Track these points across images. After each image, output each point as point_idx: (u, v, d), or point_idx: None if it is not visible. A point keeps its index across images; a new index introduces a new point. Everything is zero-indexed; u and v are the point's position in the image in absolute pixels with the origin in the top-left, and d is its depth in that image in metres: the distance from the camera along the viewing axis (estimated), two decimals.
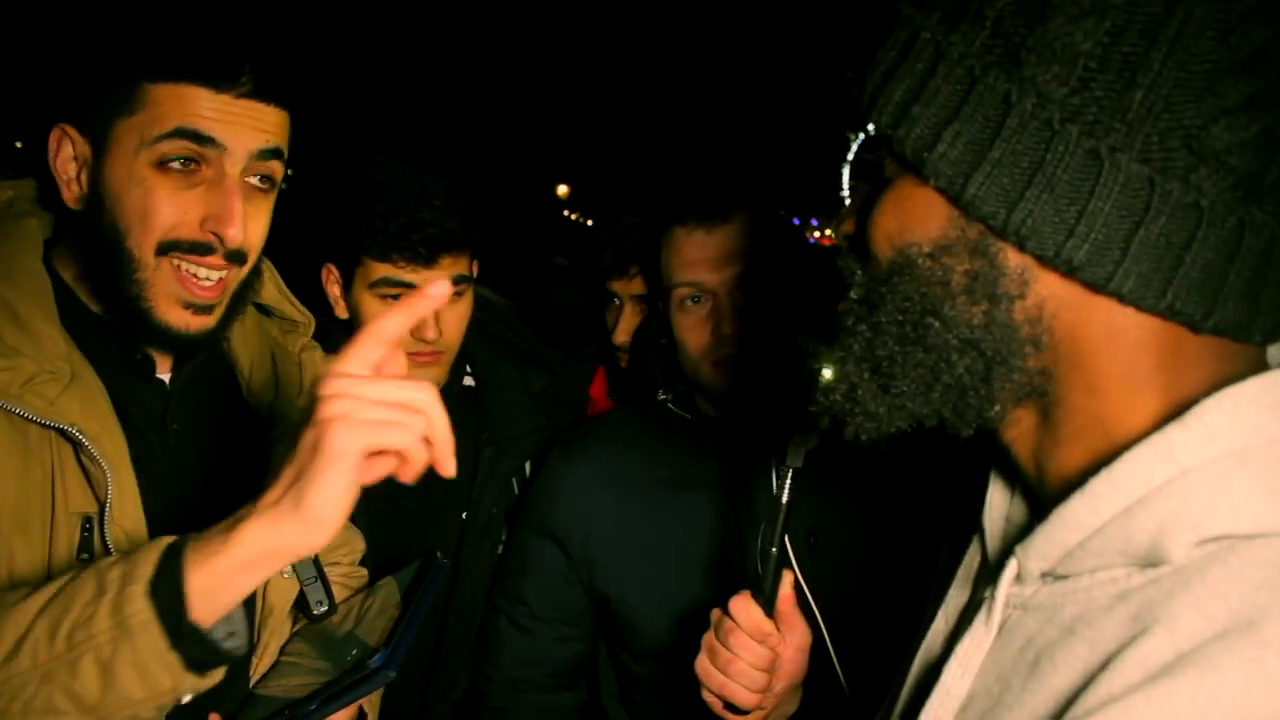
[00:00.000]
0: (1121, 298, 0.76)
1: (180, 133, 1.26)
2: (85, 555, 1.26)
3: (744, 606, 1.33)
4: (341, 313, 2.00)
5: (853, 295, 0.89)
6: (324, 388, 0.97)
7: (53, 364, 1.26)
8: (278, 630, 1.54)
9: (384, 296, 1.90)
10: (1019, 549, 0.84)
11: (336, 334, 2.05)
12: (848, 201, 0.95)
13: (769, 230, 1.78)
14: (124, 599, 0.98)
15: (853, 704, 1.43)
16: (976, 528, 1.00)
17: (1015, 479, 0.97)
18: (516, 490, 2.09)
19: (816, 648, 1.43)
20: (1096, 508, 0.76)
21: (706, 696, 1.39)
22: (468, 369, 2.14)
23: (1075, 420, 0.82)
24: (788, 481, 1.32)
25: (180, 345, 1.39)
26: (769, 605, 1.34)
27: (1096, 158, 0.73)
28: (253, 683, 1.51)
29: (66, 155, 1.32)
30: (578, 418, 2.37)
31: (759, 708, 1.38)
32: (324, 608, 1.52)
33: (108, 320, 1.37)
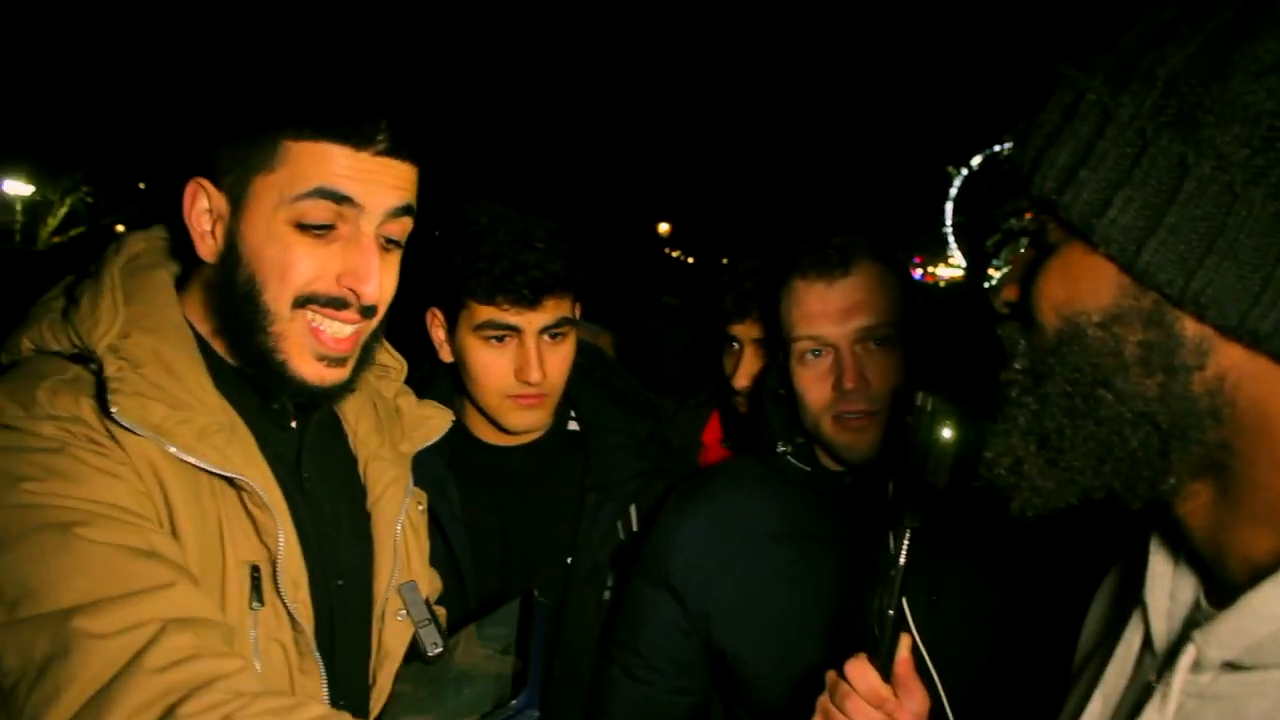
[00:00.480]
0: None
1: (320, 192, 1.29)
2: (257, 604, 1.29)
3: (860, 670, 1.30)
4: (446, 356, 2.03)
5: (1017, 366, 0.86)
6: None
7: (216, 415, 1.30)
8: (393, 674, 1.55)
9: (488, 339, 1.93)
10: (1198, 635, 0.79)
11: (440, 379, 2.10)
12: (1010, 269, 0.92)
13: (891, 280, 1.75)
14: None
15: None
16: (1137, 602, 0.94)
17: (1179, 552, 0.92)
18: (622, 534, 2.07)
19: (935, 715, 1.39)
20: None
21: None
22: (571, 414, 2.15)
23: (1262, 497, 0.77)
24: (905, 542, 1.29)
25: (314, 397, 1.41)
26: (886, 669, 1.30)
27: None
28: None
29: (201, 209, 1.34)
30: (690, 464, 2.36)
31: None
32: (439, 649, 1.54)
33: (243, 371, 1.40)
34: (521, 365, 1.91)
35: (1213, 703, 0.78)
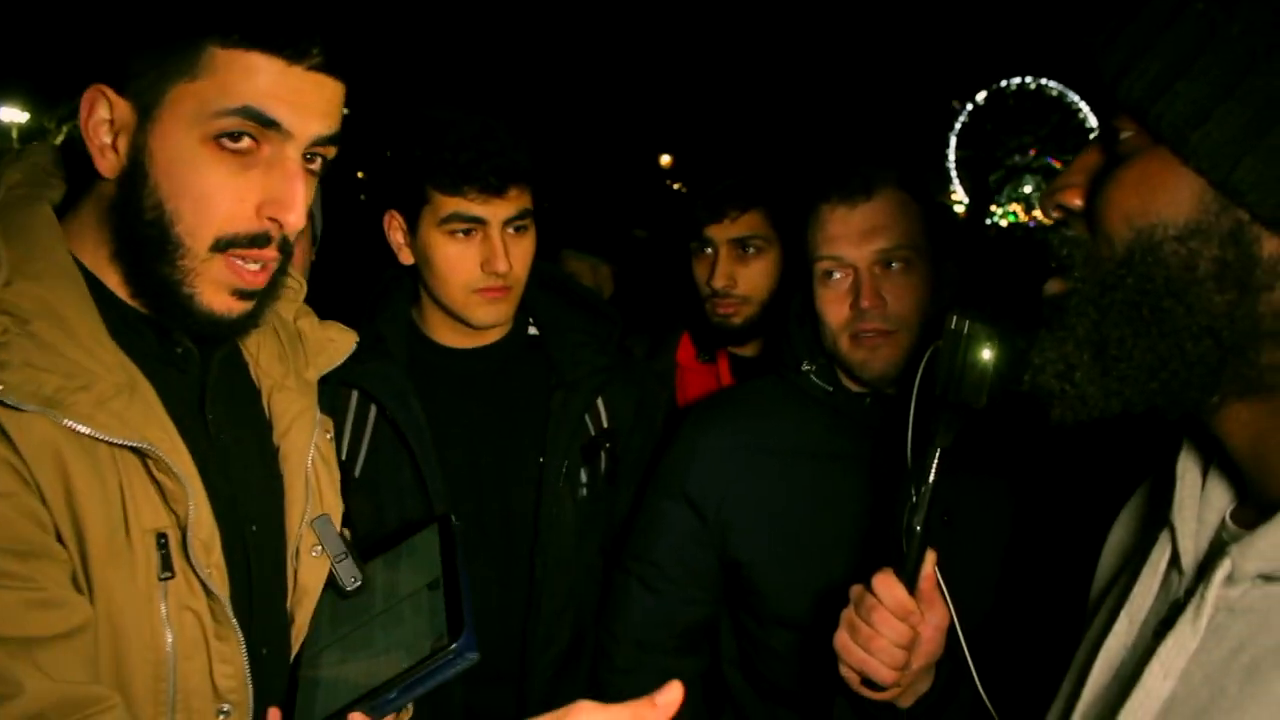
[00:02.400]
0: None
1: (246, 111, 1.16)
2: (167, 574, 1.20)
3: (888, 583, 1.34)
4: (406, 259, 2.01)
5: (1078, 275, 0.85)
6: None
7: (115, 376, 1.18)
8: (310, 611, 1.48)
9: (454, 232, 1.92)
10: (1235, 549, 0.81)
11: (397, 288, 2.08)
12: (1066, 172, 0.90)
13: (914, 208, 1.78)
14: None
15: (980, 687, 1.42)
16: (1162, 523, 0.96)
17: (1206, 473, 0.94)
18: (591, 429, 2.09)
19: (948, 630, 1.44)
20: None
21: (844, 671, 1.40)
22: (530, 320, 2.15)
23: None
24: (935, 461, 1.32)
25: (220, 331, 1.29)
26: (911, 583, 1.35)
27: None
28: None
29: (101, 118, 1.18)
30: (668, 387, 2.46)
31: (895, 684, 1.39)
32: (357, 583, 1.48)
33: (138, 309, 1.27)
34: (489, 257, 1.91)
35: (1243, 615, 0.80)
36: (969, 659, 1.47)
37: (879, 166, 1.81)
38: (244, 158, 1.19)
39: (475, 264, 1.92)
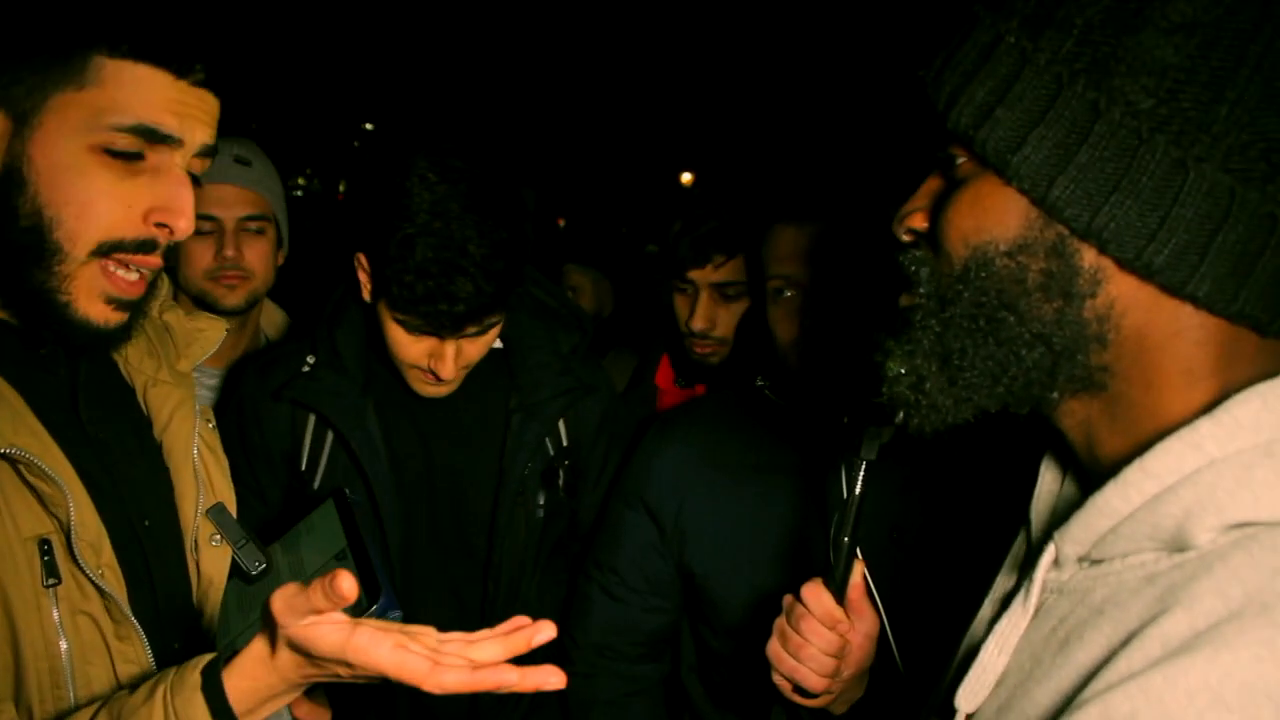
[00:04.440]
0: (1196, 301, 0.79)
1: (140, 129, 1.15)
2: (53, 581, 1.17)
3: (816, 593, 1.37)
4: (366, 297, 1.89)
5: (922, 291, 0.92)
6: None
7: None
8: (218, 601, 1.48)
9: (408, 329, 1.79)
10: (1056, 534, 0.88)
11: (352, 309, 1.99)
12: (913, 198, 0.97)
13: (855, 228, 1.81)
14: None
15: (910, 690, 1.46)
16: (1022, 519, 1.03)
17: (1066, 468, 1.01)
18: (551, 450, 2.06)
19: (880, 639, 1.47)
20: (1128, 495, 0.80)
21: (776, 679, 1.44)
22: None
23: (1130, 413, 0.85)
24: (860, 473, 1.35)
25: (94, 341, 1.25)
26: (840, 593, 1.38)
27: (1182, 167, 0.76)
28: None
29: None
30: (649, 408, 2.50)
31: (827, 692, 1.42)
32: (262, 566, 1.47)
33: (1, 317, 1.24)
34: (437, 358, 1.82)
35: (1068, 595, 0.87)
36: (900, 666, 1.50)
37: (821, 184, 1.84)
38: (130, 164, 1.17)
39: (422, 354, 1.83)
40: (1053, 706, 0.80)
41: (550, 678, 1.01)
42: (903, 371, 0.92)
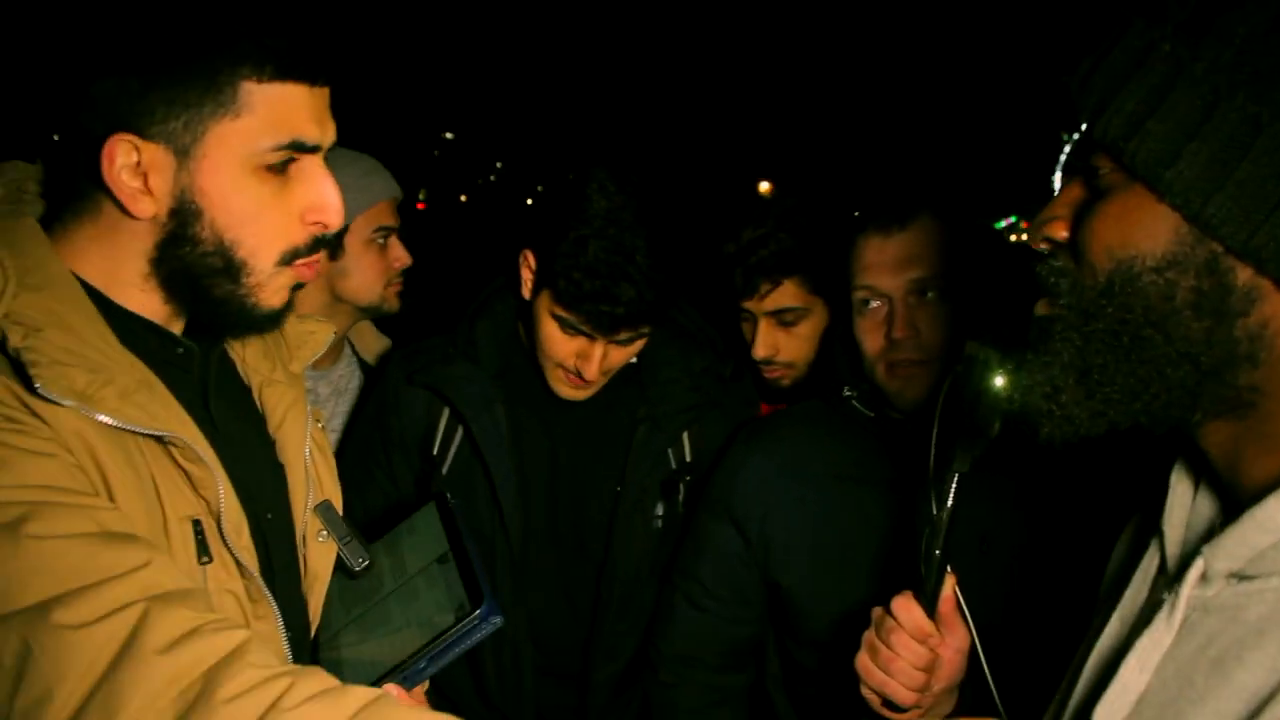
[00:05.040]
0: None
1: (295, 145, 1.24)
2: (206, 559, 1.24)
3: (906, 606, 1.36)
4: (526, 294, 2.02)
5: (1063, 302, 0.89)
6: None
7: (132, 373, 1.21)
8: (323, 595, 1.53)
9: (564, 326, 1.91)
10: (1207, 549, 0.84)
11: (504, 299, 2.12)
12: (1052, 205, 0.94)
13: (948, 235, 1.79)
14: None
15: (1003, 709, 1.43)
16: (1155, 531, 0.99)
17: (1197, 484, 0.97)
18: (673, 463, 2.12)
19: (971, 654, 1.44)
20: None
21: (865, 693, 1.43)
22: None
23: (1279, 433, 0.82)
24: (953, 486, 1.34)
25: (267, 326, 1.36)
26: (930, 607, 1.36)
27: None
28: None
29: (125, 165, 1.19)
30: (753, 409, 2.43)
31: (916, 706, 1.40)
32: (365, 562, 1.52)
33: (140, 317, 1.30)
34: (584, 356, 1.93)
35: (1216, 613, 0.83)
36: (990, 682, 1.48)
37: (914, 192, 1.82)
38: (283, 174, 1.26)
39: (570, 353, 1.94)
40: None
41: None
42: (1039, 381, 0.89)
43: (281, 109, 1.22)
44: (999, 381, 1.28)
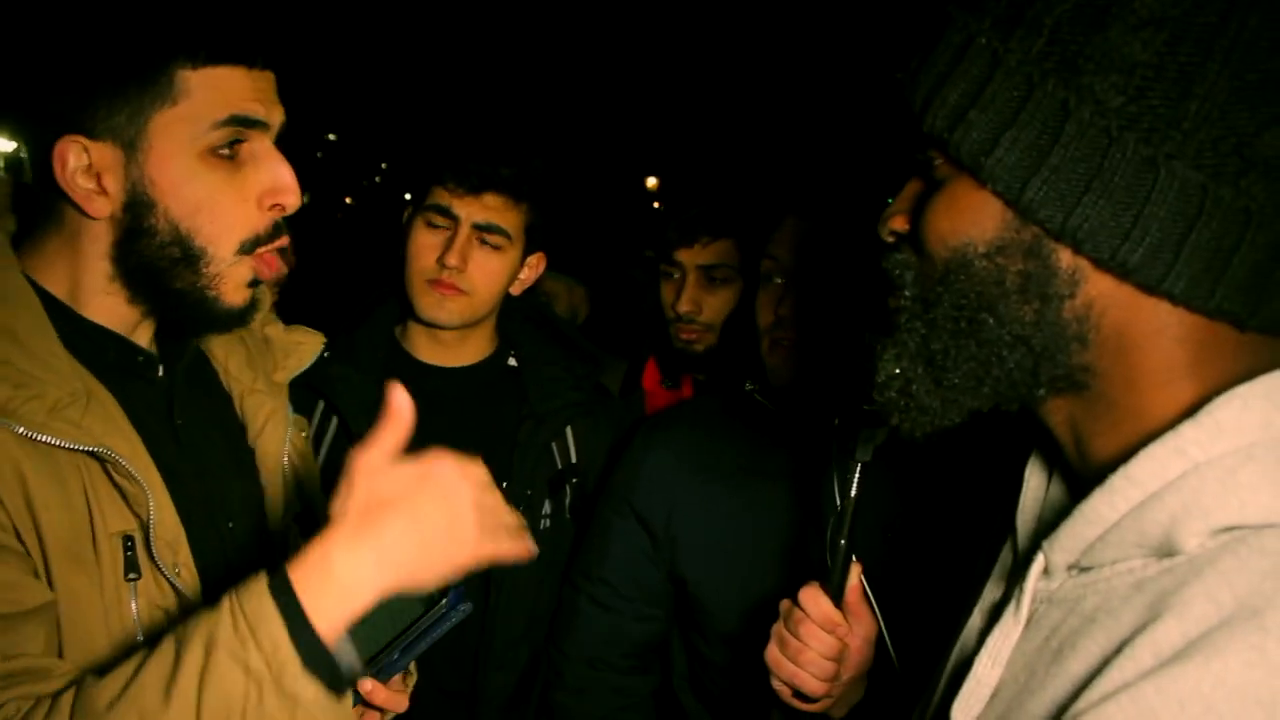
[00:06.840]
0: (1173, 298, 0.79)
1: (234, 119, 1.25)
2: (133, 575, 1.25)
3: (813, 597, 1.37)
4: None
5: (907, 293, 0.92)
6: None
7: (69, 385, 1.21)
8: None
9: (429, 223, 2.03)
10: (1045, 544, 0.87)
11: (388, 303, 2.15)
12: (892, 200, 0.97)
13: (847, 229, 1.81)
14: (284, 677, 1.03)
15: (907, 693, 1.46)
16: (1010, 527, 1.03)
17: (1052, 471, 1.00)
18: (559, 462, 2.14)
19: (878, 641, 1.46)
20: (1114, 502, 0.80)
21: (776, 684, 1.43)
22: (512, 351, 2.22)
23: (1114, 413, 0.85)
24: (855, 476, 1.35)
25: (228, 324, 1.37)
26: (837, 596, 1.37)
27: (1153, 165, 0.76)
28: None
29: (78, 167, 1.22)
30: (639, 411, 2.50)
31: (827, 696, 1.41)
32: None
33: (100, 326, 1.32)
34: (446, 251, 2.00)
35: (1059, 604, 0.86)
36: (897, 666, 1.50)
37: (829, 187, 1.87)
38: (233, 159, 1.27)
39: (434, 255, 2.01)
40: (1047, 718, 0.79)
41: None
42: (895, 373, 0.92)
43: (219, 91, 1.24)
44: (896, 370, 1.29)
